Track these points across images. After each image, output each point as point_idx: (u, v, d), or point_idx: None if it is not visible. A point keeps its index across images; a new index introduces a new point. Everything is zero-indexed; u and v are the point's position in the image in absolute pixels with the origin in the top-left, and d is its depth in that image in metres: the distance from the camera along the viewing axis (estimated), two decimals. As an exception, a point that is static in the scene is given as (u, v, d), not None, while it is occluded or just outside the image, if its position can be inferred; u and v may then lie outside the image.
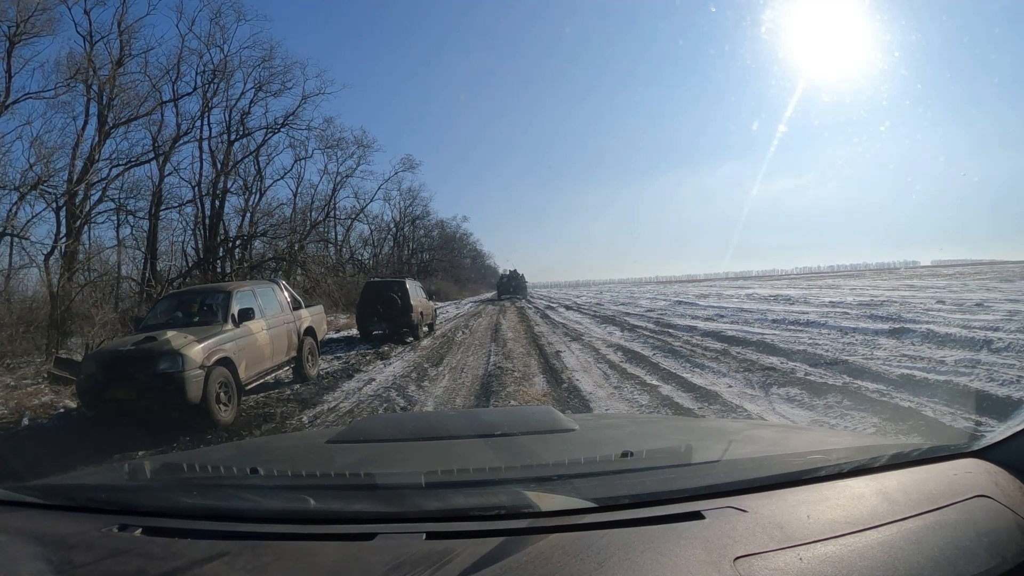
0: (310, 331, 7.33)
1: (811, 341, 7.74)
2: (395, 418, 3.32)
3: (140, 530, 0.82)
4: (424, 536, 0.74)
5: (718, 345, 8.10)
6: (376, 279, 14.21)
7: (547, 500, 0.79)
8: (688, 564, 0.66)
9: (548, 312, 18.73)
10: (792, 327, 9.54)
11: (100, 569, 0.74)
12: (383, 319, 11.21)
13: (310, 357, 7.22)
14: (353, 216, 27.10)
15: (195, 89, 18.47)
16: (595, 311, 17.59)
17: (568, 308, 20.31)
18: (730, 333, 9.20)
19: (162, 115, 18.15)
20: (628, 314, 15.43)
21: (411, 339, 11.35)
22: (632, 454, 0.99)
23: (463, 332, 13.12)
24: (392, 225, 37.62)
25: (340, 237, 28.78)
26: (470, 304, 30.68)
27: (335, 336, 13.24)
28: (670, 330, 10.59)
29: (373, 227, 35.71)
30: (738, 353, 7.21)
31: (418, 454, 1.20)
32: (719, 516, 0.76)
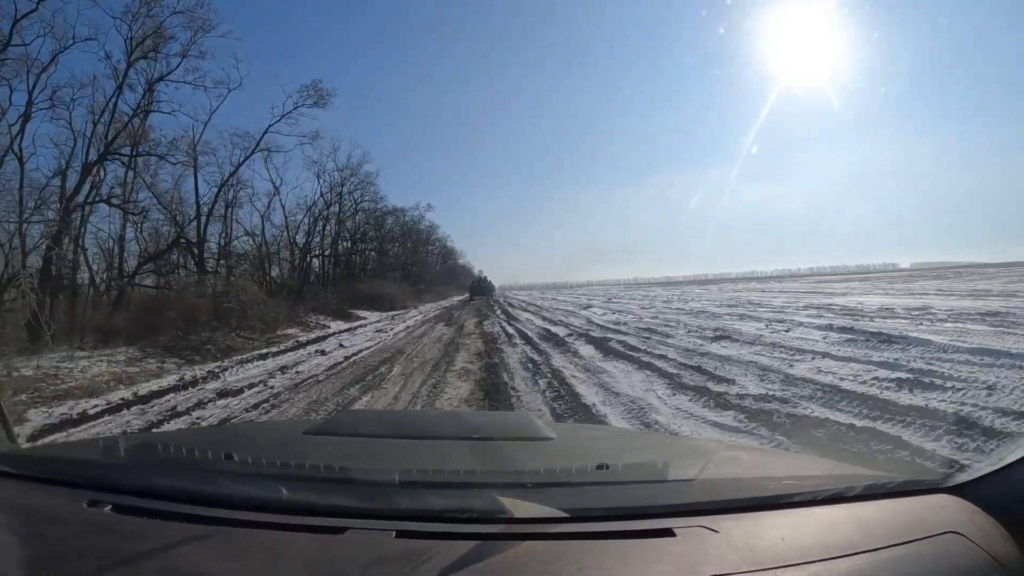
0: None
1: None
2: (375, 414, 3.14)
3: (110, 507, 0.81)
4: (394, 534, 0.73)
5: None
6: None
7: (521, 507, 0.77)
8: None
9: (558, 362, 7.40)
10: None
11: (68, 544, 0.74)
12: None
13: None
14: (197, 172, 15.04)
15: None
16: (695, 355, 6.37)
17: (602, 341, 9.12)
18: None
19: None
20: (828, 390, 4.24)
21: None
22: (608, 467, 0.96)
23: None
24: (322, 206, 26.03)
25: (206, 214, 17.04)
26: (417, 317, 19.01)
27: None
28: None
29: (293, 208, 24.32)
30: None
31: (395, 451, 1.17)
32: (691, 535, 0.75)
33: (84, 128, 11.81)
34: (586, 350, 8.22)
